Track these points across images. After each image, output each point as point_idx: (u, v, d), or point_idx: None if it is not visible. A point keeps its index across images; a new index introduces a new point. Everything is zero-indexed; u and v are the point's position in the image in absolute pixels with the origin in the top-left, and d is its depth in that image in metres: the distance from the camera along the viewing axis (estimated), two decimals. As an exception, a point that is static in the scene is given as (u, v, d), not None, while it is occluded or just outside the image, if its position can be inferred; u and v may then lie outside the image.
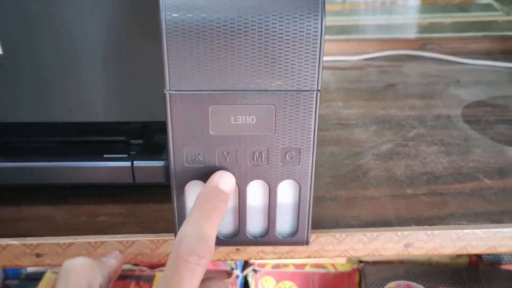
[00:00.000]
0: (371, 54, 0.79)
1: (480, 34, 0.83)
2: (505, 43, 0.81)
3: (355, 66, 0.76)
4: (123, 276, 0.69)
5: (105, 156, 0.38)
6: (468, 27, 0.83)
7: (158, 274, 0.69)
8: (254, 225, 0.34)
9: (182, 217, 0.33)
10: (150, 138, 0.41)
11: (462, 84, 0.68)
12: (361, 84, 0.68)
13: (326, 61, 0.77)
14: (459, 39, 0.82)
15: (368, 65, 0.76)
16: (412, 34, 0.84)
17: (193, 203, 0.30)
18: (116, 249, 0.34)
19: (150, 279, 0.69)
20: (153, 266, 0.72)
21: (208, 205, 0.29)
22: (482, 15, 0.84)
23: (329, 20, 0.83)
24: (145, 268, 0.71)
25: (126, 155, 0.38)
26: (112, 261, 0.32)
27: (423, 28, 0.84)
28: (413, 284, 0.68)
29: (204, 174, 0.32)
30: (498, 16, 0.83)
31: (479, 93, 0.64)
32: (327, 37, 0.82)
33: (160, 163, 0.38)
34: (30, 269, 0.75)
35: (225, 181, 0.31)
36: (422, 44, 0.82)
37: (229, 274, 0.74)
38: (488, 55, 0.79)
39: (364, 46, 0.81)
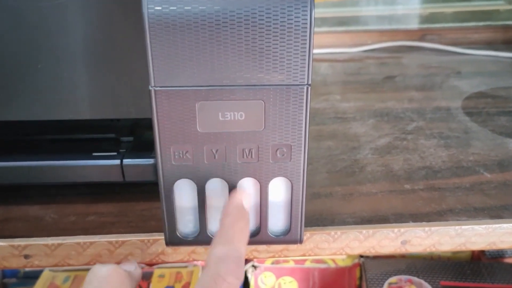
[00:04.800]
0: (370, 46, 0.78)
1: (481, 23, 0.81)
2: (507, 32, 0.79)
3: (354, 58, 0.75)
4: (121, 274, 0.68)
5: (94, 154, 0.37)
6: (469, 17, 0.82)
7: (157, 271, 0.69)
8: (246, 223, 0.33)
9: (171, 217, 0.32)
10: (140, 135, 0.40)
11: (462, 75, 0.66)
12: (359, 77, 0.67)
13: (324, 53, 0.76)
14: (460, 29, 0.81)
15: (367, 57, 0.75)
16: (412, 25, 0.82)
17: (222, 219, 0.30)
18: (133, 260, 0.34)
19: (148, 276, 0.68)
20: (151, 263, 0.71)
21: (240, 224, 0.30)
22: (483, 4, 0.82)
23: (328, 12, 0.82)
24: (143, 265, 0.70)
25: (115, 153, 0.38)
26: (138, 272, 0.33)
27: (424, 18, 0.82)
28: (414, 278, 0.67)
29: (193, 172, 0.31)
30: (499, 5, 0.82)
31: (480, 84, 0.62)
32: (325, 28, 0.82)
33: (150, 161, 0.37)
34: (28, 267, 0.74)
35: (247, 199, 0.32)
36: (422, 34, 0.81)
37: (228, 270, 0.73)
38: (489, 45, 0.78)
39: (363, 37, 0.80)
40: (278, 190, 0.32)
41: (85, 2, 0.32)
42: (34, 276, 0.71)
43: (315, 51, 0.76)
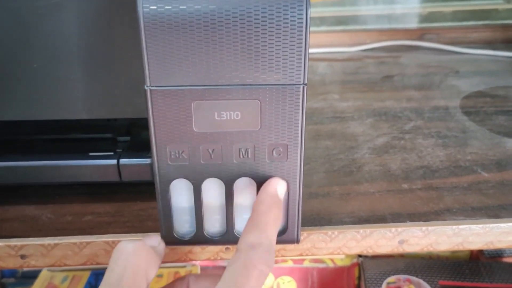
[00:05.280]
0: (369, 45, 0.77)
1: (480, 23, 0.81)
2: (506, 32, 0.79)
3: (352, 58, 0.74)
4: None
5: (90, 154, 0.37)
6: (468, 16, 0.82)
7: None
8: (243, 223, 0.33)
9: (167, 217, 0.32)
10: (137, 134, 0.40)
11: (461, 74, 0.66)
12: (358, 76, 0.66)
13: (323, 52, 0.76)
14: (459, 28, 0.80)
15: (366, 56, 0.75)
16: (411, 24, 0.82)
17: (256, 205, 0.30)
18: (155, 234, 0.33)
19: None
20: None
21: (273, 213, 0.30)
22: (482, 4, 0.82)
23: (326, 11, 0.82)
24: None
25: (112, 153, 0.37)
26: (162, 247, 0.32)
27: (423, 18, 0.82)
28: (413, 278, 0.67)
29: (189, 172, 0.31)
30: (498, 4, 0.82)
31: (479, 84, 0.62)
32: (324, 28, 0.81)
33: (147, 161, 0.37)
34: (26, 267, 0.74)
35: (282, 188, 0.31)
36: (421, 34, 0.80)
37: (227, 270, 0.73)
38: (488, 44, 0.78)
39: (362, 36, 0.80)
40: (275, 189, 0.32)
41: (81, 2, 0.32)
42: (32, 276, 0.71)
43: (314, 50, 0.76)
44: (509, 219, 0.36)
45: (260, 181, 0.31)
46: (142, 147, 0.38)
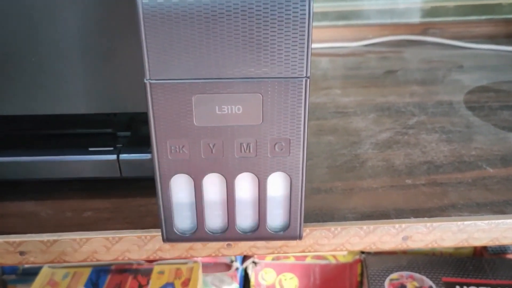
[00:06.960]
0: (371, 40, 0.77)
1: (483, 17, 0.80)
2: (509, 26, 0.78)
3: (355, 53, 0.74)
4: (121, 270, 0.68)
5: (90, 149, 0.37)
6: (471, 11, 0.81)
7: (156, 268, 0.68)
8: (244, 219, 0.33)
9: (168, 213, 0.32)
10: (137, 129, 0.40)
11: (464, 69, 0.66)
12: (360, 71, 0.66)
13: (325, 47, 0.75)
14: (462, 23, 0.80)
15: (368, 51, 0.74)
16: (414, 19, 0.82)
17: None
18: None
19: (148, 273, 0.67)
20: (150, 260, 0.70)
21: None
22: (485, -2, 0.81)
23: (329, 6, 0.81)
24: (143, 262, 0.70)
25: (111, 148, 0.37)
26: None
27: (425, 12, 0.82)
28: (416, 275, 0.66)
29: (190, 167, 0.30)
30: (502, -2, 0.81)
31: (482, 78, 0.62)
32: (326, 23, 0.81)
33: (147, 156, 0.36)
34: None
35: None
36: (424, 28, 0.80)
37: (228, 266, 0.72)
38: (491, 39, 0.77)
39: (364, 31, 0.79)
40: (277, 185, 0.32)
41: (80, -6, 0.31)
42: (33, 272, 0.71)
43: (316, 45, 0.75)
44: (515, 215, 0.36)
45: (262, 177, 0.31)
46: (142, 142, 0.38)
